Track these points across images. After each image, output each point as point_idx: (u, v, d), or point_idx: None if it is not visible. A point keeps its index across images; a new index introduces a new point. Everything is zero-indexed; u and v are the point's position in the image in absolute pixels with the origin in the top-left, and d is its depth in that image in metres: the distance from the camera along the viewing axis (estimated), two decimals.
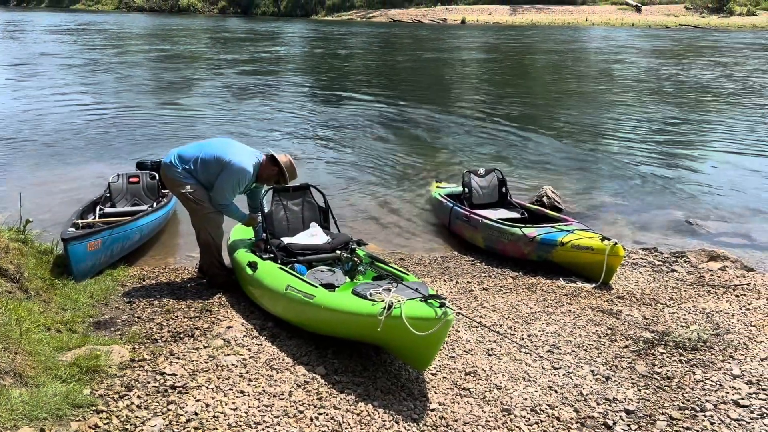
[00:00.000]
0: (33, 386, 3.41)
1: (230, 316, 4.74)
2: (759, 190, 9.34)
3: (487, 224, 6.57)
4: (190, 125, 13.31)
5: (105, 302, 5.00)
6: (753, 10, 56.34)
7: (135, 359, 3.99)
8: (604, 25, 52.65)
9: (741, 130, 13.40)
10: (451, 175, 9.44)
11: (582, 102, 17.16)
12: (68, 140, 11.43)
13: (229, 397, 3.55)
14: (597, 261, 5.67)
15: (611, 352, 4.36)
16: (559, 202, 8.13)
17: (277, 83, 19.90)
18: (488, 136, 12.69)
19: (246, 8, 71.44)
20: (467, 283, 5.72)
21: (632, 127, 13.91)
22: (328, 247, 5.22)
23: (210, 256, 5.35)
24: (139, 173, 7.29)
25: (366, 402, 3.59)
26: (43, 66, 22.49)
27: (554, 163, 10.69)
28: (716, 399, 3.77)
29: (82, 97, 16.18)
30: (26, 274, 4.83)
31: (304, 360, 4.05)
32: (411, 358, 3.82)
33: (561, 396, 3.78)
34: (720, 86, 19.83)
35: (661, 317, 4.95)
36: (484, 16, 57.56)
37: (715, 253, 6.66)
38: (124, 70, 22.25)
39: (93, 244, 5.38)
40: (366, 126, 13.62)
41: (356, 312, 3.80)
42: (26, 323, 4.06)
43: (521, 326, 4.73)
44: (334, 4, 66.89)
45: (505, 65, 26.12)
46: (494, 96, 18.77)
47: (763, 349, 4.41)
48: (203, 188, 5.15)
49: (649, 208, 8.47)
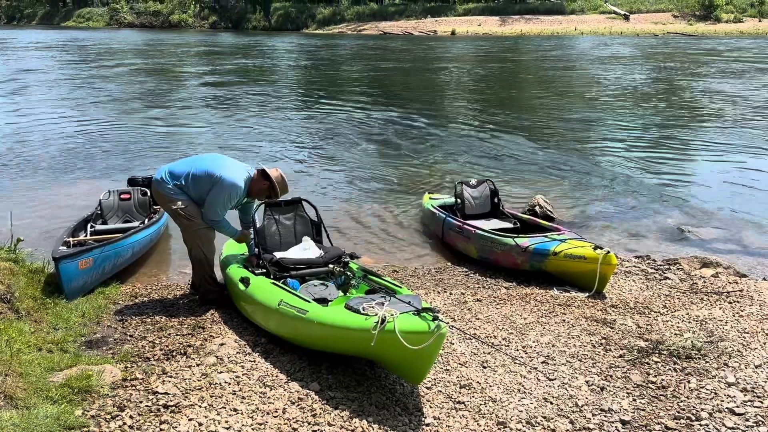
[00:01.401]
0: (24, 408, 3.37)
1: (223, 332, 4.72)
2: (750, 196, 9.38)
3: (480, 235, 6.58)
4: (181, 141, 13.30)
5: (97, 321, 4.96)
6: (739, 17, 56.89)
7: (127, 378, 3.95)
8: (592, 34, 53.03)
9: (732, 138, 13.49)
10: (443, 187, 9.46)
11: (573, 111, 17.25)
12: (58, 157, 11.39)
13: (222, 416, 3.52)
14: (590, 270, 5.67)
15: (606, 361, 4.35)
16: (551, 212, 8.15)
17: (269, 97, 19.92)
18: (480, 147, 12.73)
19: (237, 23, 71.61)
20: (461, 294, 5.71)
21: (623, 136, 13.98)
22: (320, 261, 5.21)
23: (202, 271, 5.32)
24: (130, 190, 7.27)
25: (360, 418, 3.56)
26: (32, 83, 22.44)
27: (546, 172, 10.72)
28: (711, 407, 3.76)
29: (72, 114, 16.13)
30: (17, 294, 4.80)
31: (298, 376, 4.02)
32: (405, 372, 3.80)
33: (556, 407, 3.76)
34: (710, 93, 19.98)
35: (655, 326, 4.96)
36: (474, 27, 57.86)
37: (707, 260, 6.68)
38: (114, 86, 22.23)
39: (84, 262, 5.34)
40: (357, 138, 13.64)
41: (349, 327, 3.78)
42: (17, 344, 4.03)
43: (515, 337, 4.72)
44: (324, 17, 67.08)
45: (496, 76, 26.27)
46: (485, 107, 18.85)
47: (757, 356, 4.42)
48: (195, 204, 5.14)
49: (642, 216, 8.50)
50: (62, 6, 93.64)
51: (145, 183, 7.34)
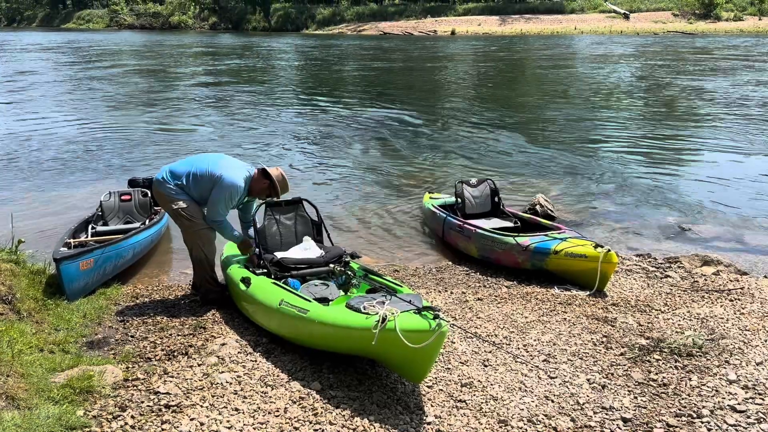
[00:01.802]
0: (25, 409, 3.38)
1: (224, 332, 4.72)
2: (751, 193, 9.38)
3: (481, 234, 6.58)
4: (182, 142, 13.31)
5: (98, 322, 4.96)
6: (739, 15, 56.88)
7: (128, 379, 3.96)
8: (593, 33, 53.03)
9: (732, 135, 13.49)
10: (443, 186, 9.46)
11: (573, 110, 17.25)
12: (59, 159, 11.40)
13: (224, 416, 3.53)
14: (591, 268, 5.67)
15: (607, 360, 4.35)
16: (552, 211, 8.15)
17: (268, 98, 19.94)
18: (480, 146, 12.73)
19: (237, 24, 71.74)
20: (462, 293, 5.71)
21: (623, 134, 13.98)
22: (321, 260, 5.21)
23: (203, 272, 5.33)
24: (130, 191, 7.28)
25: (362, 417, 3.57)
26: (32, 85, 22.47)
27: (547, 171, 10.72)
28: (713, 405, 3.76)
29: (72, 116, 16.15)
30: (18, 295, 4.80)
31: (299, 375, 4.02)
32: (406, 371, 3.80)
33: (557, 406, 3.77)
34: (710, 91, 19.97)
35: (656, 323, 4.95)
36: (474, 27, 57.90)
37: (708, 258, 6.67)
38: (114, 87, 22.26)
39: (85, 263, 5.35)
40: (358, 138, 13.65)
41: (350, 326, 3.78)
42: (18, 345, 4.04)
43: (516, 336, 4.72)
44: (324, 18, 67.17)
45: (496, 76, 26.26)
46: (485, 106, 18.86)
47: (758, 353, 4.42)
48: (196, 204, 5.15)
49: (642, 214, 8.50)
50: (62, 8, 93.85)
51: (145, 184, 7.34)
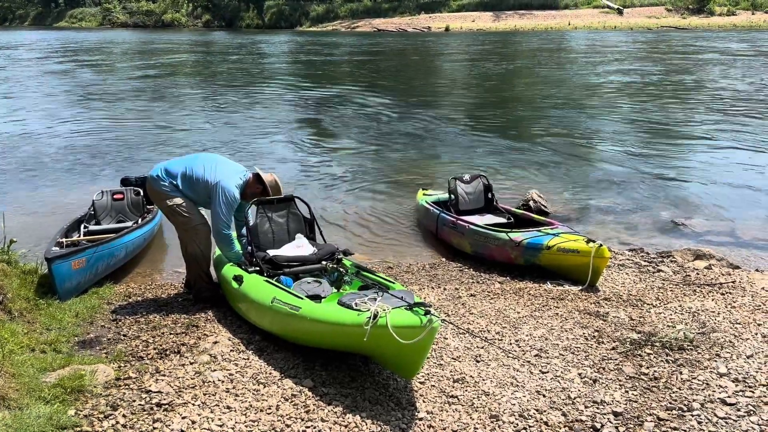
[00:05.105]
0: (16, 409, 3.37)
1: (217, 331, 4.72)
2: (743, 188, 9.41)
3: (474, 230, 6.59)
4: (176, 141, 13.26)
5: (90, 321, 4.95)
6: (732, 10, 56.98)
7: (120, 378, 3.95)
8: (586, 28, 53.05)
9: (725, 130, 13.52)
10: (437, 182, 9.46)
11: (565, 106, 17.27)
12: (50, 158, 11.36)
13: (216, 414, 3.53)
14: (583, 263, 5.69)
15: (598, 354, 4.37)
16: (545, 206, 8.16)
17: (262, 95, 19.89)
18: (473, 143, 12.74)
19: (230, 21, 71.47)
20: (455, 289, 5.72)
21: (616, 129, 14.01)
22: (314, 258, 5.21)
23: (198, 268, 5.32)
24: (123, 190, 7.26)
25: (354, 413, 3.57)
26: (24, 84, 22.36)
27: (540, 167, 10.73)
28: (703, 398, 3.78)
29: (63, 115, 16.05)
30: (10, 295, 4.79)
31: (292, 373, 4.03)
32: (398, 366, 3.81)
33: (549, 400, 3.78)
34: (702, 86, 20.03)
35: (648, 318, 4.97)
36: (468, 23, 57.85)
37: (700, 252, 6.70)
38: (105, 86, 22.17)
39: (77, 262, 5.34)
40: (350, 135, 13.64)
41: (342, 322, 3.79)
42: (9, 345, 4.02)
43: (509, 331, 4.73)
44: (318, 15, 66.95)
45: (489, 71, 26.25)
46: (478, 102, 18.86)
47: (748, 346, 4.44)
48: (190, 201, 5.14)
49: (635, 209, 8.52)
50: (54, 6, 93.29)
51: (138, 183, 7.32)
